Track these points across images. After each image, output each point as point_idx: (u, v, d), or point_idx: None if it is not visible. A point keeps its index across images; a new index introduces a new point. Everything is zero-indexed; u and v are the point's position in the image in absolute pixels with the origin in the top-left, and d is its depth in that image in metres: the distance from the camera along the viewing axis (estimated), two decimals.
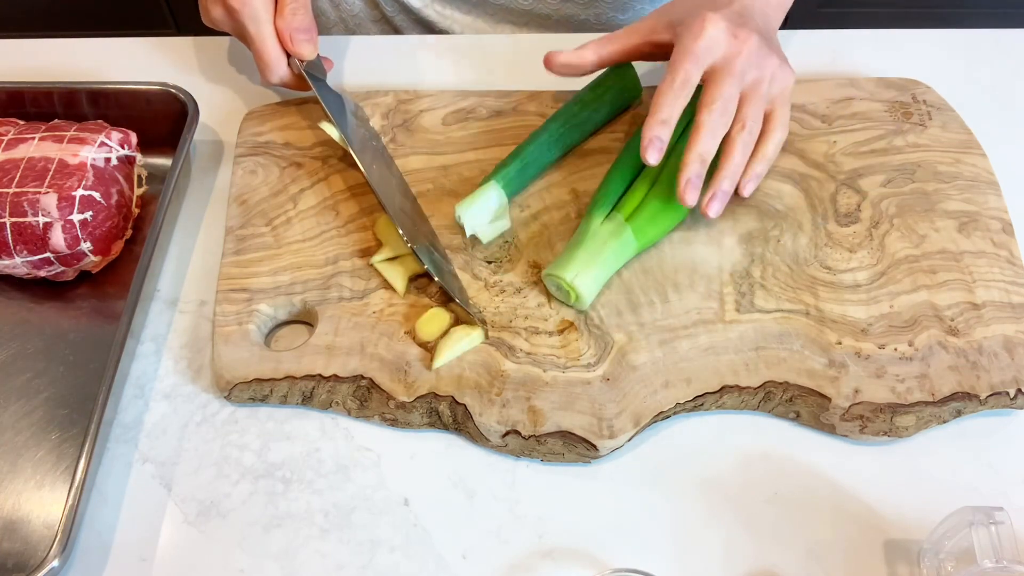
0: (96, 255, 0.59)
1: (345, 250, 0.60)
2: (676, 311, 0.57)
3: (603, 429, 0.52)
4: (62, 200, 0.57)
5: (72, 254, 0.58)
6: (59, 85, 0.66)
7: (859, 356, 0.55)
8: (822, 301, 0.57)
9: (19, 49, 0.75)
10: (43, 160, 0.58)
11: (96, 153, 0.59)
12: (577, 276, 0.55)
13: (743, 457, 0.54)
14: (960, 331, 0.56)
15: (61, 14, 1.72)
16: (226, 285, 0.58)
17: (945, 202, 0.63)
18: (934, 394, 0.54)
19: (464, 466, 0.54)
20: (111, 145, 0.61)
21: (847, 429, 0.54)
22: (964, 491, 0.53)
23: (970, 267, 0.59)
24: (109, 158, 0.60)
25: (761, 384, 0.54)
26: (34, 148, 0.59)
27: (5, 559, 0.50)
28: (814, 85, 0.69)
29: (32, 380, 0.57)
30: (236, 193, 0.63)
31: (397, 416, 0.55)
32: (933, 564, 0.49)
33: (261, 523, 0.52)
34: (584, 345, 0.56)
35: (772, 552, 0.51)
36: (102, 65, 0.73)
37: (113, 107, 0.66)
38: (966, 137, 0.66)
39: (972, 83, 0.73)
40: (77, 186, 0.57)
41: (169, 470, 0.54)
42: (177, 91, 0.66)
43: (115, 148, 0.61)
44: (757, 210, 0.62)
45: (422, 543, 0.51)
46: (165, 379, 0.57)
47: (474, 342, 0.55)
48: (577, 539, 0.52)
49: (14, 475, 0.53)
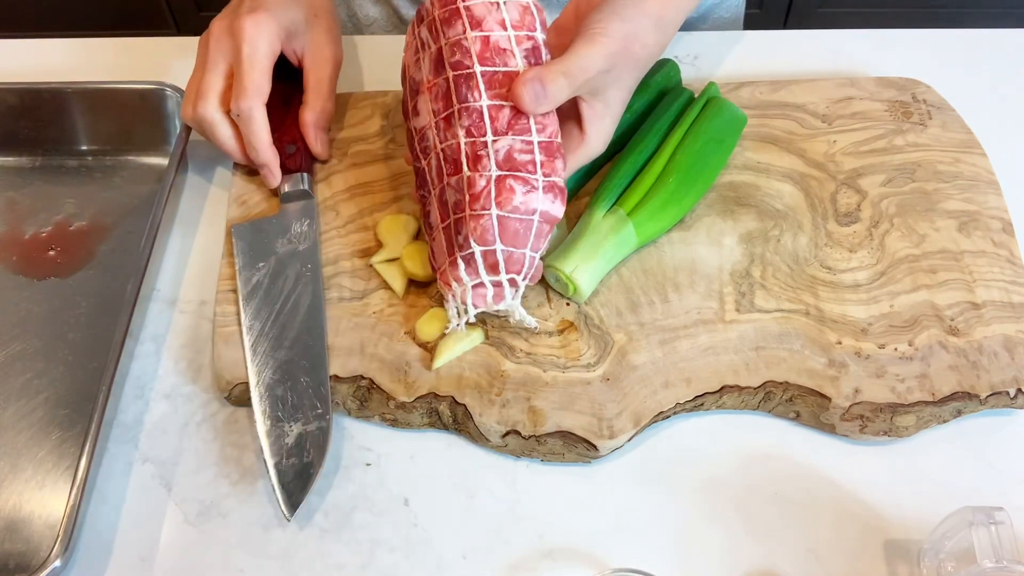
0: None
1: (345, 250, 0.60)
2: (676, 311, 0.57)
3: (603, 429, 0.52)
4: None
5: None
6: (52, 85, 0.66)
7: (859, 356, 0.55)
8: (822, 301, 0.57)
9: (19, 49, 0.75)
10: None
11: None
12: (576, 269, 0.55)
13: (743, 457, 0.54)
14: (960, 331, 0.56)
15: (61, 14, 1.72)
16: (226, 285, 0.58)
17: (945, 202, 0.63)
18: (934, 394, 0.54)
19: (464, 466, 0.54)
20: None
21: (847, 429, 0.54)
22: (964, 491, 0.53)
23: (970, 267, 0.59)
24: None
25: (761, 384, 0.54)
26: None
27: (7, 559, 0.51)
28: (814, 85, 0.69)
29: (32, 380, 0.57)
30: (236, 193, 0.63)
31: (397, 416, 0.55)
32: (933, 564, 0.49)
33: (261, 523, 0.52)
34: (584, 345, 0.56)
35: (772, 552, 0.51)
36: (102, 65, 0.73)
37: (108, 106, 0.66)
38: (966, 136, 0.66)
39: (972, 83, 0.73)
40: None
41: (169, 470, 0.54)
42: (172, 90, 0.66)
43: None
44: (757, 210, 0.62)
45: (422, 543, 0.51)
46: (165, 379, 0.57)
47: (474, 342, 0.55)
48: (577, 539, 0.52)
49: (15, 475, 0.53)
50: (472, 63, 0.51)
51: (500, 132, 0.51)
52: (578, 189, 0.63)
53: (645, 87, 0.65)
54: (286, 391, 0.54)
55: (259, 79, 0.59)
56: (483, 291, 0.52)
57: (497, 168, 0.51)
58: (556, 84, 0.51)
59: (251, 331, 0.56)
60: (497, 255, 0.51)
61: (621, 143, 0.64)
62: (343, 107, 0.68)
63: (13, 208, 0.66)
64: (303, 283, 0.58)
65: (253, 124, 0.59)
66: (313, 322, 0.56)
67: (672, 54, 0.73)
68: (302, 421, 0.53)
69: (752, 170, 0.64)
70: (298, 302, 0.57)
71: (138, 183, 0.67)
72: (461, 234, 0.51)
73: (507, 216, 0.50)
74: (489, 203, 0.50)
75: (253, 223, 0.61)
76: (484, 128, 0.51)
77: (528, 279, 0.53)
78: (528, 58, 0.52)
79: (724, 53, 0.75)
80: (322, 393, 0.54)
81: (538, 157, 0.51)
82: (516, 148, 0.51)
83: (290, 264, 0.59)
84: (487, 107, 0.51)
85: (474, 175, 0.51)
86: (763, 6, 1.68)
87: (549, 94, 0.51)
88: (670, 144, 0.61)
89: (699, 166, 0.60)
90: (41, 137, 0.68)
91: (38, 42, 0.76)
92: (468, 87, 0.51)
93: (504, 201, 0.50)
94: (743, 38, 0.76)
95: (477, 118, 0.51)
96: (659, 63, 0.67)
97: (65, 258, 0.63)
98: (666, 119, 0.63)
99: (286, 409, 0.53)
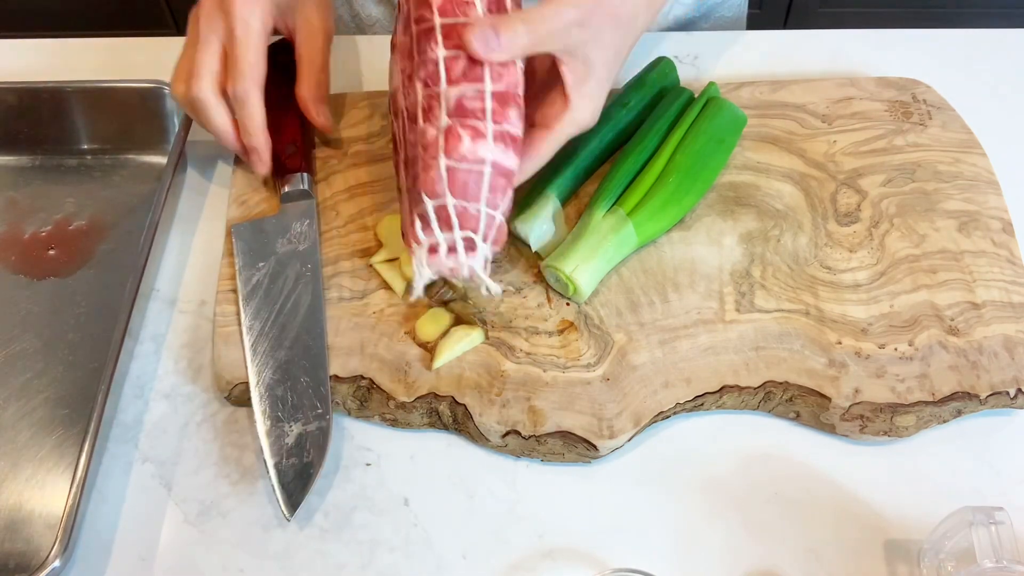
0: None
1: (345, 250, 0.60)
2: (676, 311, 0.57)
3: (603, 429, 0.52)
4: None
5: None
6: (51, 84, 0.66)
7: (859, 356, 0.55)
8: (822, 301, 0.57)
9: (19, 49, 0.75)
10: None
11: None
12: (576, 269, 0.55)
13: (743, 457, 0.54)
14: (960, 331, 0.56)
15: (61, 14, 1.72)
16: (226, 285, 0.58)
17: (945, 202, 0.63)
18: (934, 394, 0.54)
19: (464, 466, 0.54)
20: None
21: (847, 429, 0.54)
22: (964, 491, 0.53)
23: (970, 267, 0.59)
24: None
25: (761, 384, 0.54)
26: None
27: (7, 559, 0.51)
28: (814, 85, 0.69)
29: (32, 380, 0.57)
30: (236, 193, 0.63)
31: (397, 416, 0.55)
32: (933, 564, 0.49)
33: (261, 523, 0.52)
34: (584, 345, 0.56)
35: (772, 552, 0.51)
36: (102, 65, 0.73)
37: (107, 105, 0.66)
38: (966, 136, 0.66)
39: (972, 83, 0.73)
40: None
41: (169, 470, 0.54)
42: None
43: None
44: (757, 210, 0.62)
45: (422, 543, 0.51)
46: (165, 379, 0.57)
47: (474, 342, 0.55)
48: (577, 539, 0.52)
49: (15, 475, 0.53)
50: (432, 15, 0.49)
51: (454, 81, 0.49)
52: (578, 189, 0.63)
53: (642, 84, 0.65)
54: (286, 391, 0.54)
55: (254, 59, 0.58)
56: (439, 252, 0.50)
57: (447, 117, 0.49)
58: (512, 31, 0.48)
59: (251, 331, 0.56)
60: (449, 209, 0.49)
61: (621, 143, 0.64)
62: (344, 107, 0.68)
63: (13, 207, 0.66)
64: (303, 283, 0.58)
65: (248, 106, 0.58)
66: (313, 322, 0.56)
67: (672, 54, 0.73)
68: (302, 421, 0.53)
69: (752, 170, 0.64)
70: (298, 302, 0.57)
71: (138, 182, 0.67)
72: (415, 189, 0.50)
73: (456, 166, 0.48)
74: (438, 152, 0.49)
75: (253, 223, 0.61)
76: (439, 78, 0.49)
77: (490, 241, 0.51)
78: (491, 8, 0.50)
79: (724, 53, 0.75)
80: (322, 393, 0.54)
81: (489, 104, 0.49)
82: (467, 95, 0.49)
83: (290, 264, 0.59)
84: (443, 58, 0.49)
85: (427, 126, 0.49)
86: (763, 6, 1.68)
87: (503, 41, 0.48)
88: (670, 144, 0.61)
89: (699, 166, 0.60)
90: (40, 136, 0.68)
91: (38, 42, 0.76)
92: (427, 39, 0.50)
93: (451, 149, 0.48)
94: (743, 38, 0.76)
95: (433, 69, 0.49)
96: (653, 61, 0.67)
97: (65, 257, 0.63)
98: (666, 119, 0.63)
99: (286, 409, 0.53)
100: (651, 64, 0.66)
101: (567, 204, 0.62)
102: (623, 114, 0.64)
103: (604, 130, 0.63)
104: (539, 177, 0.61)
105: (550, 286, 0.58)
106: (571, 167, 0.61)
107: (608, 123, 0.63)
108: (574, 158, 0.61)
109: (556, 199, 0.60)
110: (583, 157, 0.62)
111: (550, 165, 0.61)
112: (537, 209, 0.59)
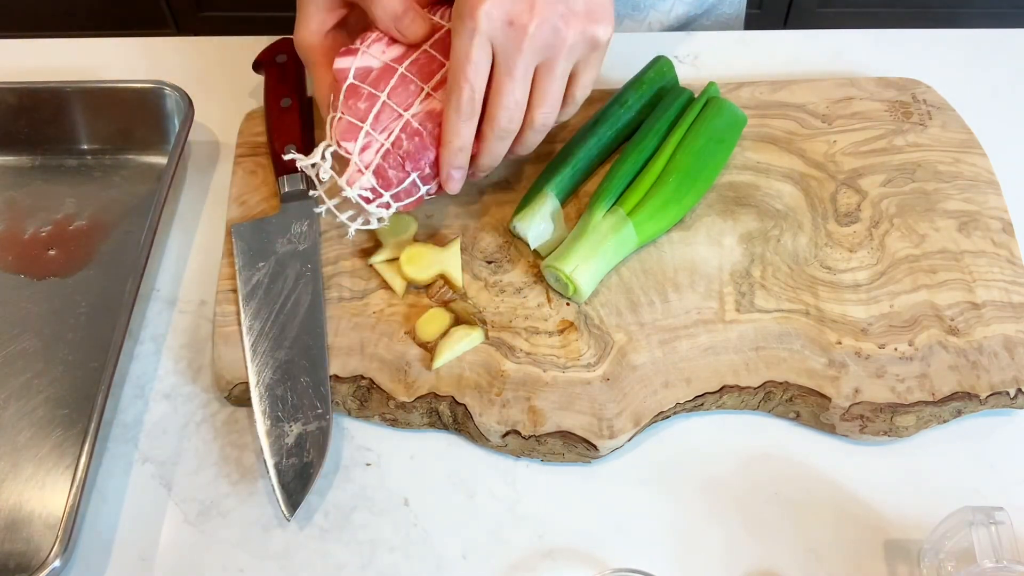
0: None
1: (345, 250, 0.60)
2: (676, 311, 0.57)
3: (603, 429, 0.52)
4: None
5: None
6: (51, 84, 0.66)
7: (859, 356, 0.55)
8: (822, 301, 0.57)
9: (19, 49, 0.75)
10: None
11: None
12: (576, 269, 0.55)
13: (743, 457, 0.54)
14: (960, 331, 0.56)
15: (61, 14, 1.73)
16: (226, 285, 0.58)
17: (945, 202, 0.63)
18: (934, 394, 0.54)
19: (464, 466, 0.54)
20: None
21: (847, 429, 0.54)
22: (964, 491, 0.53)
23: (970, 267, 0.59)
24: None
25: (761, 384, 0.54)
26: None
27: (7, 559, 0.51)
28: (814, 85, 0.69)
29: (32, 380, 0.57)
30: (236, 193, 0.63)
31: (397, 416, 0.55)
32: (933, 564, 0.49)
33: (261, 523, 0.52)
34: (584, 345, 0.56)
35: (772, 552, 0.51)
36: (102, 65, 0.73)
37: (107, 105, 0.66)
38: (966, 136, 0.66)
39: (972, 83, 0.73)
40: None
41: (169, 470, 0.54)
42: (171, 89, 0.66)
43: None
44: (757, 210, 0.62)
45: (422, 543, 0.51)
46: (165, 379, 0.57)
47: (474, 342, 0.55)
48: (577, 539, 0.52)
49: (15, 475, 0.53)
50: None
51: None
52: (577, 188, 0.63)
53: (640, 83, 0.65)
54: (286, 391, 0.54)
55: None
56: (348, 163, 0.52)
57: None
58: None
59: (251, 331, 0.56)
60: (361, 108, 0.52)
61: (620, 142, 0.64)
62: None
63: (13, 207, 0.66)
64: (303, 283, 0.58)
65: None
66: (313, 322, 0.56)
67: (672, 54, 0.73)
68: (302, 421, 0.53)
69: (752, 170, 0.64)
70: (298, 302, 0.57)
71: (138, 182, 0.67)
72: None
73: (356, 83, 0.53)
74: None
75: (253, 223, 0.61)
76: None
77: (371, 170, 0.51)
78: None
79: (724, 53, 0.75)
80: (322, 393, 0.54)
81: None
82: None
83: (290, 264, 0.59)
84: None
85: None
86: (763, 6, 1.68)
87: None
88: (670, 144, 0.61)
89: (699, 166, 0.60)
90: (41, 136, 0.68)
91: (38, 42, 0.76)
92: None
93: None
94: (743, 38, 0.76)
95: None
96: (651, 60, 0.67)
97: (65, 258, 0.63)
98: (666, 119, 0.63)
99: (286, 409, 0.53)
100: (650, 63, 0.66)
101: (566, 203, 0.62)
102: (621, 113, 0.64)
103: (602, 129, 0.63)
104: (538, 176, 0.61)
105: (550, 286, 0.58)
106: (570, 166, 0.61)
107: (606, 122, 0.63)
108: (572, 157, 0.61)
109: (555, 198, 0.60)
110: (582, 156, 0.62)
111: (549, 165, 0.61)
112: (536, 208, 0.59)
